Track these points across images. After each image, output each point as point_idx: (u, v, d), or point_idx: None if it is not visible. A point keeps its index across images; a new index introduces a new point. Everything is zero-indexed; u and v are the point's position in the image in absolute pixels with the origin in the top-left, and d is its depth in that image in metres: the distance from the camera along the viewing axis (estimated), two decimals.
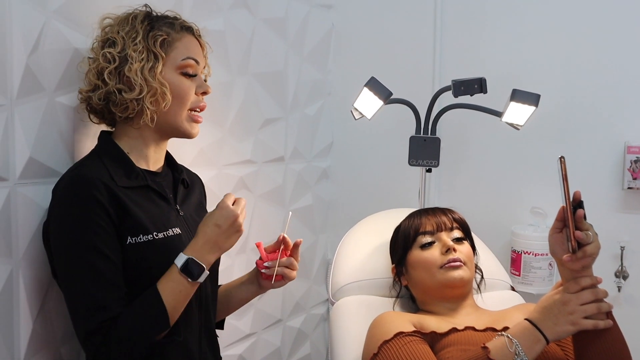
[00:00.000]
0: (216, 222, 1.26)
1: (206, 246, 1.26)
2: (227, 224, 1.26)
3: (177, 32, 1.34)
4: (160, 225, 1.30)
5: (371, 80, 1.92)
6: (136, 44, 1.28)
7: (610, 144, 2.09)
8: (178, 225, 1.34)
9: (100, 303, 1.19)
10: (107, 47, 1.30)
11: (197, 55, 1.37)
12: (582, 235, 1.18)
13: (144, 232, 1.26)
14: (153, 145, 1.38)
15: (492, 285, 1.77)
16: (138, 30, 1.30)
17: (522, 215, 2.24)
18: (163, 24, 1.34)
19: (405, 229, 1.62)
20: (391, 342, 1.35)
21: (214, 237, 1.26)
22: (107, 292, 1.20)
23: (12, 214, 1.30)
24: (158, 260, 1.27)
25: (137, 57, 1.27)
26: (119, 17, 1.34)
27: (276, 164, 2.26)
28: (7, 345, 1.30)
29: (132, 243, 1.25)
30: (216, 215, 1.27)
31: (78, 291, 1.20)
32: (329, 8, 2.50)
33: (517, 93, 1.82)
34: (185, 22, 1.38)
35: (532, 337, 1.24)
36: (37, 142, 1.34)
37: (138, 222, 1.26)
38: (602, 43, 2.09)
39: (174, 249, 1.28)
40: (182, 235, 1.34)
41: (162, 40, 1.31)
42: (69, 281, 1.22)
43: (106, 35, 1.32)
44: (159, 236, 1.28)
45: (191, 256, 1.24)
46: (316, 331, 2.57)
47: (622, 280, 2.10)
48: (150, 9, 1.38)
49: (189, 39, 1.37)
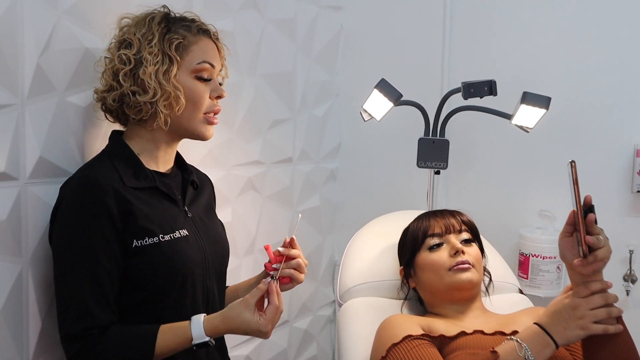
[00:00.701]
0: (246, 331, 1.23)
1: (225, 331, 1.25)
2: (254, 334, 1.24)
3: (194, 35, 1.33)
4: (167, 227, 1.30)
5: (381, 81, 1.92)
6: (152, 46, 1.28)
7: (619, 147, 2.08)
8: (186, 227, 1.34)
9: (88, 310, 1.19)
10: (123, 49, 1.30)
11: (213, 59, 1.36)
12: (593, 240, 1.18)
13: (149, 235, 1.26)
14: (164, 147, 1.38)
15: (500, 288, 1.76)
16: (154, 32, 1.29)
17: (530, 218, 2.23)
18: (180, 26, 1.33)
19: (414, 231, 1.61)
20: (400, 345, 1.35)
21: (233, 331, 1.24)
22: (97, 300, 1.20)
23: (22, 213, 1.31)
24: (164, 263, 1.27)
25: (152, 60, 1.27)
26: (137, 17, 1.33)
27: (284, 165, 2.26)
28: (16, 343, 1.31)
29: (137, 246, 1.25)
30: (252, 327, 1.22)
31: (69, 294, 1.21)
32: (338, 9, 2.50)
33: (528, 95, 1.81)
34: (202, 25, 1.37)
35: (542, 341, 1.23)
36: (47, 142, 1.34)
37: (144, 225, 1.25)
38: (611, 45, 2.08)
39: (180, 251, 1.29)
40: (190, 236, 1.33)
41: (177, 44, 1.30)
42: (63, 282, 1.23)
43: (123, 35, 1.32)
44: (165, 238, 1.28)
45: (210, 338, 1.22)
46: (323, 333, 2.56)
47: (631, 284, 2.09)
48: (169, 10, 1.37)
49: (206, 42, 1.36)
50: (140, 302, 1.27)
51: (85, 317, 1.19)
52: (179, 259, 1.28)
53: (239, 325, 1.22)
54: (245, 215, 2.07)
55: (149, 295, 1.27)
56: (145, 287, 1.26)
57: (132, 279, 1.26)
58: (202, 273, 1.34)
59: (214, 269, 1.38)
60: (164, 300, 1.27)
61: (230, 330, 1.23)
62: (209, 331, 1.22)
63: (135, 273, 1.25)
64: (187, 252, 1.31)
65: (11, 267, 1.29)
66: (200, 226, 1.39)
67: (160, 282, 1.27)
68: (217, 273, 1.39)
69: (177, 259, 1.28)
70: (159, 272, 1.26)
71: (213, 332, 1.22)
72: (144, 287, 1.26)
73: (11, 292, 1.29)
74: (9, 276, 1.29)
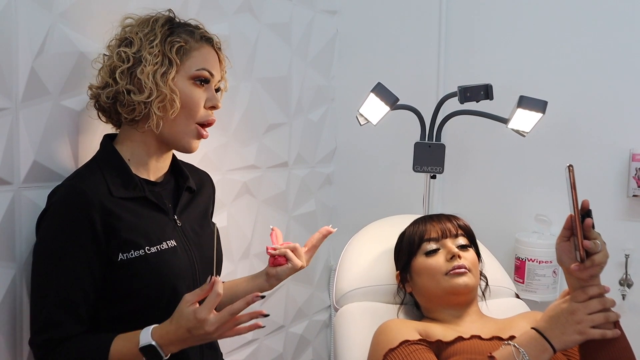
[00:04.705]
0: (188, 328, 1.13)
1: (175, 342, 1.15)
2: (198, 334, 1.14)
3: (197, 41, 1.33)
4: (154, 239, 1.28)
5: (377, 85, 1.92)
6: (152, 47, 1.27)
7: (615, 151, 2.08)
8: (174, 237, 1.32)
9: (56, 321, 1.19)
10: (123, 46, 1.29)
11: (212, 68, 1.35)
12: (591, 244, 1.17)
13: (135, 248, 1.24)
14: (155, 156, 1.36)
15: (497, 292, 1.76)
16: (157, 33, 1.28)
17: (526, 223, 2.23)
18: (183, 31, 1.32)
19: (410, 236, 1.61)
20: (397, 351, 1.34)
21: (184, 338, 1.15)
22: (65, 311, 1.20)
23: (16, 217, 1.30)
24: (151, 276, 1.25)
25: (151, 60, 1.26)
26: (141, 18, 1.33)
27: (280, 169, 2.25)
28: (9, 349, 1.30)
29: (123, 259, 1.23)
30: (190, 322, 1.13)
31: (41, 303, 1.21)
32: (334, 14, 2.50)
33: (524, 99, 1.81)
34: (206, 33, 1.36)
35: (539, 346, 1.23)
36: (41, 146, 1.34)
37: (129, 238, 1.24)
38: (607, 49, 2.09)
39: (167, 263, 1.28)
40: (178, 247, 1.32)
41: (179, 47, 1.29)
42: (36, 291, 1.22)
43: (125, 34, 1.31)
44: (152, 250, 1.26)
45: (156, 342, 1.14)
46: (318, 337, 2.55)
47: (627, 289, 2.08)
48: (174, 14, 1.36)
49: (208, 50, 1.35)
50: (128, 313, 1.26)
51: (52, 327, 1.19)
52: (167, 270, 1.27)
53: (179, 319, 1.14)
54: (240, 220, 2.06)
55: (138, 306, 1.26)
56: (134, 298, 1.25)
57: (120, 291, 1.24)
58: (191, 284, 1.32)
59: (204, 279, 1.37)
60: (153, 312, 1.25)
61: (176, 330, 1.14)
62: (156, 335, 1.15)
63: (122, 285, 1.24)
64: (175, 263, 1.29)
65: (5, 272, 1.28)
66: (190, 235, 1.37)
67: (149, 294, 1.26)
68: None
69: (164, 270, 1.27)
70: (147, 284, 1.25)
71: (160, 337, 1.15)
72: (133, 299, 1.25)
73: (5, 296, 1.28)
74: (3, 281, 1.28)
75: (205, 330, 1.12)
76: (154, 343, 1.14)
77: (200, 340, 1.16)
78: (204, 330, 1.12)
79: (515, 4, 2.23)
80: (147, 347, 1.14)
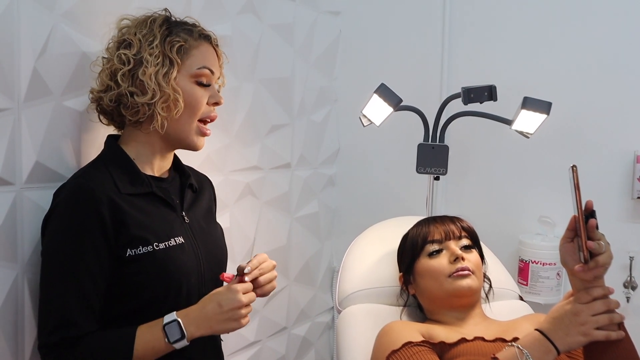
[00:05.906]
0: (219, 302, 1.23)
1: (199, 320, 1.22)
2: (228, 307, 1.22)
3: (195, 39, 1.33)
4: (163, 235, 1.28)
5: (381, 86, 1.91)
6: (153, 47, 1.27)
7: (619, 153, 2.07)
8: (182, 234, 1.32)
9: (71, 319, 1.18)
10: (122, 49, 1.29)
11: (212, 65, 1.35)
12: (595, 245, 1.17)
13: (143, 244, 1.25)
14: (159, 155, 1.37)
15: (501, 294, 1.75)
16: (156, 34, 1.28)
17: (530, 224, 2.22)
18: (181, 30, 1.32)
19: (413, 237, 1.60)
20: (400, 352, 1.34)
21: (210, 314, 1.22)
22: (80, 309, 1.19)
23: (17, 218, 1.29)
24: (158, 272, 1.25)
25: (152, 61, 1.26)
26: (137, 19, 1.33)
27: (282, 170, 2.25)
28: (11, 350, 1.29)
29: (132, 255, 1.23)
30: (222, 295, 1.24)
31: (54, 301, 1.20)
32: (337, 14, 2.50)
33: (529, 101, 1.80)
34: (203, 31, 1.37)
35: (543, 347, 1.22)
36: (43, 146, 1.33)
37: (138, 234, 1.24)
38: (611, 51, 2.08)
39: (175, 260, 1.28)
40: (185, 244, 1.32)
41: (179, 47, 1.29)
42: (48, 290, 1.22)
43: (123, 36, 1.31)
44: (160, 247, 1.26)
45: (180, 319, 1.21)
46: (321, 339, 2.55)
47: (631, 291, 2.07)
48: (170, 13, 1.36)
49: (206, 47, 1.35)
50: (136, 310, 1.25)
51: (67, 326, 1.18)
52: (174, 267, 1.27)
53: (212, 302, 1.23)
54: (243, 221, 2.06)
55: (145, 303, 1.26)
56: (141, 295, 1.25)
57: (128, 287, 1.24)
58: (197, 281, 1.32)
59: (210, 276, 1.37)
60: (160, 308, 1.25)
61: (204, 311, 1.22)
62: (180, 314, 1.22)
63: (130, 281, 1.24)
64: (182, 260, 1.29)
65: (7, 272, 1.28)
66: (197, 232, 1.37)
67: (156, 291, 1.26)
68: (213, 280, 1.38)
69: (172, 267, 1.27)
70: (154, 280, 1.25)
71: (184, 315, 1.22)
72: (140, 295, 1.25)
73: (7, 297, 1.28)
74: (5, 282, 1.28)
75: (237, 298, 1.22)
76: (179, 319, 1.20)
77: (226, 319, 1.22)
78: (236, 298, 1.21)
79: (519, 5, 2.23)
80: (171, 324, 1.20)
